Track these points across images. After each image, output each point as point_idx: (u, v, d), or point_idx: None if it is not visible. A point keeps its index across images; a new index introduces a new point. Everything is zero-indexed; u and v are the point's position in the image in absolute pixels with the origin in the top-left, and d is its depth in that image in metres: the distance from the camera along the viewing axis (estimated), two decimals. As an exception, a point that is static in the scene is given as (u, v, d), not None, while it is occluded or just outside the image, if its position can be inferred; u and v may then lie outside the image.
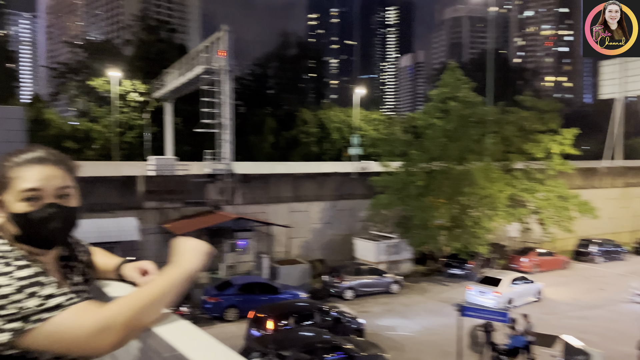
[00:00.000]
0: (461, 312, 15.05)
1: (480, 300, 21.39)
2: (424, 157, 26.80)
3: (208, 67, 25.78)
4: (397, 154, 28.24)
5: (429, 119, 28.32)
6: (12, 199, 1.34)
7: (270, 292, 20.51)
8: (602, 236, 34.80)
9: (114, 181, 23.51)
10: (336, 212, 29.01)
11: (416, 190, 25.73)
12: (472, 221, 25.45)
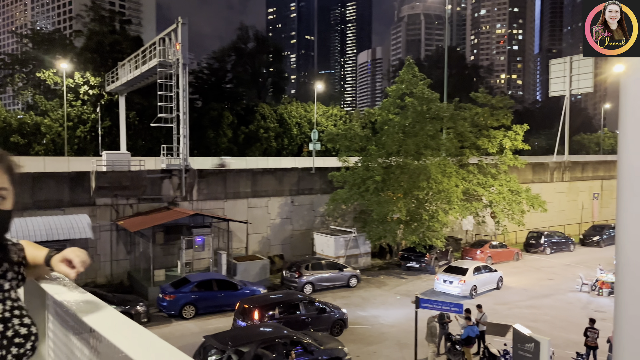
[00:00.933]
0: (417, 304, 15.34)
1: (446, 289, 22.54)
2: (381, 153, 27.10)
3: (163, 59, 25.19)
4: (355, 149, 28.46)
5: (387, 115, 28.67)
6: None
7: (228, 288, 20.32)
8: (551, 228, 36.29)
9: (64, 177, 22.64)
10: (295, 208, 29.00)
11: (374, 185, 26.01)
12: (428, 215, 25.96)
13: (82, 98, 42.20)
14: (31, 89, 45.61)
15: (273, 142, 50.32)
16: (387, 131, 27.68)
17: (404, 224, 26.33)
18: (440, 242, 25.76)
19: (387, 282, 25.28)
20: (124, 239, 23.56)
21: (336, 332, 17.92)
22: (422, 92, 27.81)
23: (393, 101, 28.83)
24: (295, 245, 28.69)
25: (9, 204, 1.34)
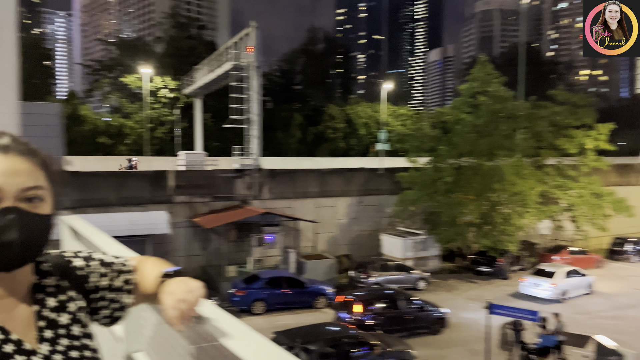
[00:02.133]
0: (490, 310, 14.85)
1: (534, 292, 22.00)
2: (452, 153, 26.46)
3: (237, 63, 26.02)
4: (425, 149, 27.95)
5: (458, 114, 27.93)
6: None
7: (296, 286, 20.65)
8: (638, 234, 33.74)
9: (145, 176, 24.01)
10: (363, 208, 28.95)
11: (444, 186, 25.44)
12: (501, 218, 25.03)
13: (162, 101, 44.56)
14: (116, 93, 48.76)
15: (341, 142, 50.56)
16: (458, 131, 26.98)
17: (475, 227, 25.55)
18: (514, 247, 24.76)
19: (457, 286, 24.63)
20: (199, 235, 24.58)
21: (436, 331, 17.84)
22: (496, 91, 26.87)
23: (465, 100, 28.05)
24: (362, 246, 28.65)
25: (48, 207, 1.07)
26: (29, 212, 1.02)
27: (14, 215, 0.99)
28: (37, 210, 1.03)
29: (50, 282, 1.16)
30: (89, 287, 1.22)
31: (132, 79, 45.28)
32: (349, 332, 14.63)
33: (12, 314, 1.06)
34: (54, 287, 1.15)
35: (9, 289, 1.07)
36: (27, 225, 1.01)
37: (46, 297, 1.13)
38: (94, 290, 1.22)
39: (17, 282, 1.08)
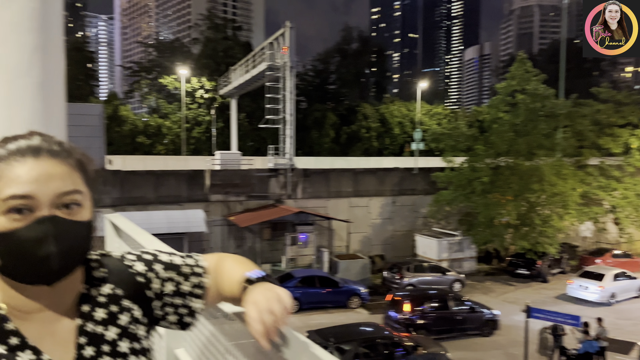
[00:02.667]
0: (528, 313, 14.47)
1: (582, 295, 21.63)
2: (489, 153, 25.94)
3: (271, 63, 26.22)
4: (461, 149, 27.49)
5: (496, 113, 27.32)
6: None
7: (330, 285, 20.65)
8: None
9: (183, 174, 24.51)
10: (397, 208, 28.71)
11: (481, 186, 24.97)
12: (541, 220, 24.36)
13: (198, 101, 45.33)
14: (155, 94, 49.90)
15: (375, 141, 50.26)
16: (496, 130, 26.41)
17: (513, 228, 24.97)
18: (553, 249, 24.07)
19: (494, 289, 24.11)
20: (234, 233, 24.89)
21: (486, 333, 17.67)
22: (536, 89, 26.15)
23: (503, 98, 27.41)
24: (396, 246, 28.42)
25: (87, 212, 0.96)
26: (66, 220, 0.92)
27: (51, 225, 0.90)
28: (75, 217, 0.93)
29: (103, 290, 1.04)
30: (150, 295, 1.10)
31: (170, 80, 46.24)
32: (383, 333, 14.53)
33: (52, 329, 0.97)
34: (106, 297, 1.04)
35: (50, 300, 0.97)
36: (65, 235, 0.92)
37: (94, 308, 1.02)
38: (156, 297, 1.11)
39: (60, 293, 0.98)
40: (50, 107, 1.80)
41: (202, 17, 57.72)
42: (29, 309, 0.96)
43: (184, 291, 1.13)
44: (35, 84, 1.76)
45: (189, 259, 1.18)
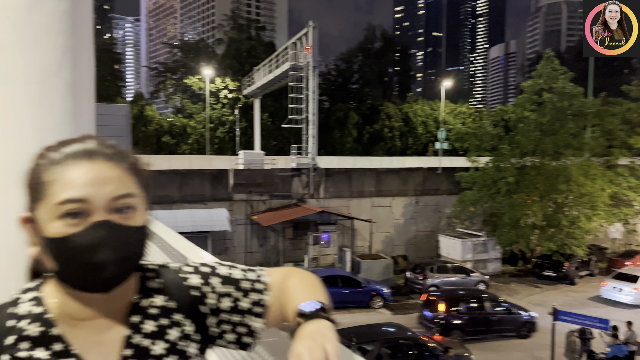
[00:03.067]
0: (555, 316, 14.18)
1: (616, 297, 21.19)
2: (515, 152, 25.53)
3: (295, 63, 26.29)
4: (486, 148, 27.12)
5: (522, 112, 26.85)
6: (46, 216, 0.88)
7: (352, 285, 20.60)
8: None
9: (207, 174, 24.78)
10: (420, 208, 28.48)
11: (506, 186, 24.58)
12: (568, 221, 23.86)
13: (222, 101, 45.76)
14: (180, 94, 50.55)
15: (397, 141, 49.97)
16: (521, 129, 25.97)
17: (539, 230, 24.51)
18: (581, 251, 23.55)
19: (519, 291, 23.72)
20: (257, 232, 25.05)
21: (523, 335, 17.44)
22: (563, 87, 25.61)
23: (529, 97, 26.93)
24: (419, 247, 28.20)
25: (141, 216, 0.93)
26: (121, 225, 0.88)
27: (106, 230, 0.87)
28: (129, 222, 0.90)
29: (155, 302, 0.99)
30: (205, 310, 1.02)
31: (195, 81, 46.80)
32: (407, 334, 14.43)
33: (99, 338, 0.94)
34: (158, 309, 0.98)
35: (102, 309, 0.94)
36: (120, 241, 0.88)
37: (144, 320, 0.97)
38: (211, 313, 1.03)
39: (112, 302, 0.95)
40: (80, 107, 1.82)
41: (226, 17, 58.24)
42: (80, 316, 0.93)
43: (242, 308, 1.04)
44: (66, 85, 1.77)
45: (250, 273, 1.09)
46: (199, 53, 52.01)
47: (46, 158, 0.91)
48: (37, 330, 0.90)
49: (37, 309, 0.93)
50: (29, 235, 0.92)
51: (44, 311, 0.93)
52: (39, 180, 0.89)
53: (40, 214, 0.88)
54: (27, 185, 0.92)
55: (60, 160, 0.89)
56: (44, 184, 0.88)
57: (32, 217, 0.91)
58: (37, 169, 0.90)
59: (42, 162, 0.91)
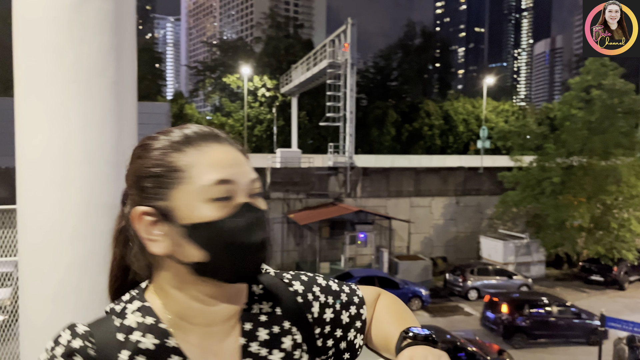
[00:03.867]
0: (602, 322, 13.60)
1: None
2: (561, 152, 24.65)
3: (332, 61, 26.20)
4: (530, 147, 26.31)
5: (568, 110, 25.89)
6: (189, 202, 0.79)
7: (390, 286, 20.33)
8: None
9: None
10: (460, 209, 27.90)
11: (551, 187, 23.76)
12: (617, 223, 22.86)
13: (260, 100, 46.20)
14: (218, 93, 51.35)
15: (437, 139, 49.20)
16: (568, 128, 25.05)
17: (586, 232, 23.60)
18: (631, 255, 22.53)
19: (564, 295, 22.85)
20: (294, 231, 25.11)
21: (593, 342, 16.59)
22: (613, 84, 24.53)
23: (576, 94, 25.93)
24: (459, 248, 27.64)
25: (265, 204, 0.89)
26: (262, 209, 0.84)
27: (254, 212, 0.82)
28: (262, 207, 0.85)
29: (263, 308, 0.91)
30: (310, 319, 0.95)
31: (233, 79, 47.42)
32: (446, 337, 14.12)
33: (216, 348, 0.85)
34: (267, 316, 0.90)
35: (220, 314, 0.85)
36: (266, 224, 0.84)
37: (257, 327, 0.88)
38: (317, 323, 0.95)
39: (229, 307, 0.86)
40: (123, 106, 1.86)
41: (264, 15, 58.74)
42: (198, 321, 0.84)
43: (343, 321, 0.97)
44: (109, 84, 1.80)
45: (345, 287, 1.02)
46: (237, 51, 52.65)
47: (162, 143, 0.82)
48: (152, 342, 0.80)
49: (148, 319, 0.82)
50: (145, 231, 0.80)
51: (156, 321, 0.82)
52: (169, 165, 0.79)
53: (179, 201, 0.78)
54: (148, 174, 0.80)
55: (192, 143, 0.81)
56: (179, 168, 0.79)
57: (160, 208, 0.79)
58: (156, 155, 0.81)
59: (159, 147, 0.81)
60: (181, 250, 0.79)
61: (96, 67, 1.70)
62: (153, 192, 0.80)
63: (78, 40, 1.68)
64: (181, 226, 0.78)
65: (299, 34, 56.45)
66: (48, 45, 1.68)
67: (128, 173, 0.84)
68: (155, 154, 0.81)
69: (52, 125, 1.68)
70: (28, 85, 1.71)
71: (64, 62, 1.68)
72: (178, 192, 0.79)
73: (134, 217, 0.81)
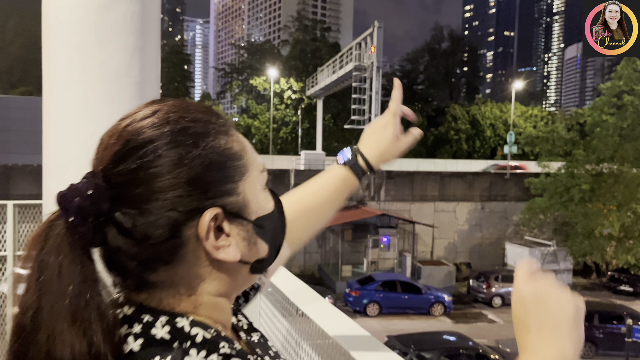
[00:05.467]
0: (629, 333, 13.26)
1: None
2: (591, 158, 24.08)
3: (358, 64, 26.19)
4: (558, 153, 25.78)
5: (599, 116, 25.28)
6: (255, 192, 0.69)
7: (412, 291, 20.19)
8: None
9: (269, 173, 25.08)
10: (486, 214, 27.50)
11: (580, 194, 23.23)
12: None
13: (286, 102, 46.47)
14: (245, 94, 51.87)
15: (464, 144, 48.64)
16: (598, 134, 24.47)
17: (616, 241, 22.98)
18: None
19: (592, 305, 22.34)
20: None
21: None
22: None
23: (607, 100, 25.30)
24: (483, 255, 27.24)
25: None
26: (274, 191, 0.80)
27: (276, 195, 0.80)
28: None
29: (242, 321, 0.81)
30: None
31: (260, 81, 47.84)
32: (468, 344, 13.94)
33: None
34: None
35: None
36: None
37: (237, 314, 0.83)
38: None
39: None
40: None
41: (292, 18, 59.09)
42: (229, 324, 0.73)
43: None
44: (134, 83, 1.85)
45: None
46: (264, 54, 53.13)
47: (204, 126, 0.64)
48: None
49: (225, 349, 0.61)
50: (212, 238, 0.62)
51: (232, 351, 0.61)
52: (229, 153, 0.65)
53: (248, 193, 0.67)
54: (208, 167, 0.62)
55: (230, 124, 0.69)
56: (239, 155, 0.66)
57: (229, 207, 0.64)
58: (210, 141, 0.63)
59: (206, 131, 0.63)
60: (250, 250, 0.68)
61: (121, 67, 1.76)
62: (219, 188, 0.63)
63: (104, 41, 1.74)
64: (251, 222, 0.67)
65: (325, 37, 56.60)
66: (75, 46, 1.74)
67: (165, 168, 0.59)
68: (208, 139, 0.63)
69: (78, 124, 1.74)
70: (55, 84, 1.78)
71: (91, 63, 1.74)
72: (245, 184, 0.66)
73: (203, 226, 0.61)
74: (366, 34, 26.15)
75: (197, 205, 0.61)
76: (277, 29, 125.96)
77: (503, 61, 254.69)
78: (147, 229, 0.59)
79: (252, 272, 0.70)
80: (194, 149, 0.61)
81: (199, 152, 0.61)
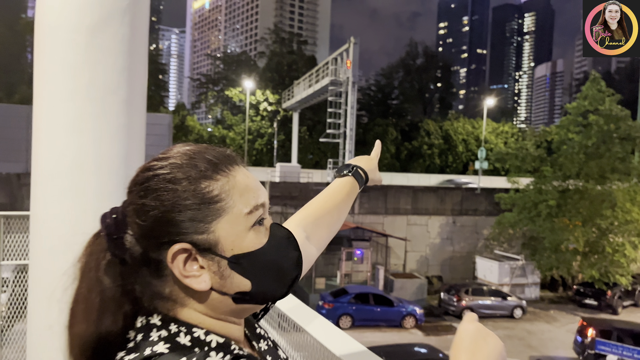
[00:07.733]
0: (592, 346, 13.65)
1: None
2: (557, 175, 24.82)
3: (334, 78, 26.51)
4: (527, 170, 26.48)
5: (565, 134, 26.16)
6: (235, 231, 0.75)
7: (384, 304, 20.35)
8: None
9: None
10: (457, 228, 27.98)
11: (547, 209, 23.89)
12: (612, 248, 22.93)
13: (262, 114, 46.51)
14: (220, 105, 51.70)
15: (437, 158, 49.43)
16: (565, 151, 25.27)
17: (581, 256, 23.65)
18: (625, 280, 22.55)
19: (558, 318, 22.88)
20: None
21: None
22: (610, 109, 24.82)
23: (573, 119, 26.20)
24: (454, 268, 27.65)
25: None
26: (284, 227, 0.84)
27: (285, 230, 0.82)
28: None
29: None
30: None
31: (236, 93, 47.81)
32: (438, 356, 14.12)
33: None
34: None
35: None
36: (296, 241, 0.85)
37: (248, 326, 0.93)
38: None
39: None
40: (133, 122, 1.96)
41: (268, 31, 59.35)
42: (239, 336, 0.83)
43: None
44: (121, 101, 1.91)
45: None
46: (240, 65, 53.17)
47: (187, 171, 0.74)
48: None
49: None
50: (182, 268, 0.72)
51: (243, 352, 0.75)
52: (204, 196, 0.73)
53: (221, 232, 0.73)
54: (181, 208, 0.72)
55: (219, 168, 0.76)
56: (216, 198, 0.73)
57: (199, 243, 0.73)
58: (185, 185, 0.72)
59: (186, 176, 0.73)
60: (224, 283, 0.75)
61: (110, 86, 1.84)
62: (189, 226, 0.72)
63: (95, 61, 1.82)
64: (225, 258, 0.74)
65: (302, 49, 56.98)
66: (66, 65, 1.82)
67: (146, 207, 0.72)
68: (184, 184, 0.72)
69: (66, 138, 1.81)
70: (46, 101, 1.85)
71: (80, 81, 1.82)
72: (219, 224, 0.73)
73: (170, 256, 0.72)
74: (342, 49, 26.53)
75: (168, 239, 0.72)
76: (253, 41, 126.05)
77: (475, 78, 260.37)
78: (138, 249, 0.74)
79: (236, 302, 0.76)
80: (169, 193, 0.72)
81: (173, 195, 0.72)
